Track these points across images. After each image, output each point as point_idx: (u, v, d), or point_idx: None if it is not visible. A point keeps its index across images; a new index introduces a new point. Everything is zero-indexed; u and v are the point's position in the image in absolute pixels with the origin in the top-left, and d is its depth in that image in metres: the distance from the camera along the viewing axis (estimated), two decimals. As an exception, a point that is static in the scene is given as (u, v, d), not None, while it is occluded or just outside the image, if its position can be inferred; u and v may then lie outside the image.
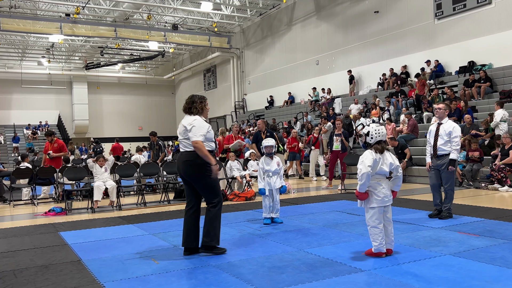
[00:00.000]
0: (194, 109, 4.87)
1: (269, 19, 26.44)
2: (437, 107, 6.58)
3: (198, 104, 4.88)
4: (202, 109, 4.91)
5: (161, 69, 40.00)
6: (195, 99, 4.91)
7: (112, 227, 6.79)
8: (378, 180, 4.49)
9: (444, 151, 6.40)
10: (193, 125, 4.72)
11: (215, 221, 4.77)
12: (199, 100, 4.91)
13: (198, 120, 4.78)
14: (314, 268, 4.17)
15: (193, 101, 4.89)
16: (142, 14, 25.44)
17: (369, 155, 4.48)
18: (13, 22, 23.53)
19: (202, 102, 4.93)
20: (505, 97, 13.13)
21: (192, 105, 4.88)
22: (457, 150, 6.34)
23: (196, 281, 3.91)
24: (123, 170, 10.04)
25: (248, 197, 9.47)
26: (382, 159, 4.49)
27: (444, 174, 6.46)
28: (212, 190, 4.80)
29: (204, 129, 4.72)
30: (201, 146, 4.62)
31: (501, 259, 4.22)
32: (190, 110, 4.89)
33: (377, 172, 4.48)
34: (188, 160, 4.75)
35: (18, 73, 34.26)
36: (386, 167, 4.50)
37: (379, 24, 19.15)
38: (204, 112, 4.93)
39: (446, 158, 6.39)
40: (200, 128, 4.70)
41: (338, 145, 11.17)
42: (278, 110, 25.03)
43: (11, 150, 30.25)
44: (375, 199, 4.46)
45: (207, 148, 4.71)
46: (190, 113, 4.88)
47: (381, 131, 4.57)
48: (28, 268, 4.53)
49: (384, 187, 4.49)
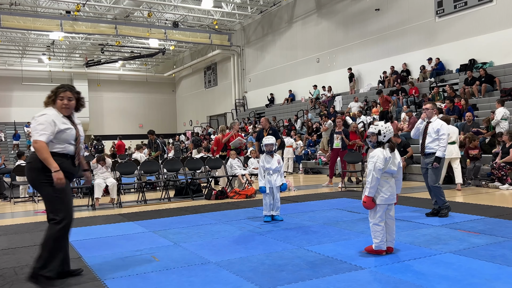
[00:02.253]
0: (47, 99, 3.93)
1: (270, 16, 26.40)
2: (425, 107, 6.60)
3: (52, 94, 3.92)
4: (54, 101, 3.90)
5: (161, 67, 39.98)
6: (53, 89, 3.95)
7: (113, 225, 6.79)
8: (386, 178, 4.45)
9: (432, 149, 6.40)
10: (37, 120, 3.81)
11: (50, 243, 3.74)
12: (54, 90, 3.94)
13: (45, 116, 3.81)
14: (314, 265, 4.17)
15: (50, 92, 3.96)
16: (143, 12, 25.41)
17: (380, 154, 4.39)
18: (14, 19, 23.51)
19: (56, 92, 3.92)
20: (505, 95, 13.12)
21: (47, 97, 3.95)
22: (443, 147, 6.34)
23: (196, 279, 3.91)
24: (124, 168, 10.04)
25: (249, 195, 9.47)
26: (392, 157, 4.47)
27: (429, 171, 6.47)
28: (53, 203, 3.82)
29: (51, 126, 3.77)
30: (40, 147, 3.70)
31: (502, 257, 4.22)
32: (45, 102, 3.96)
33: (386, 171, 4.44)
34: (29, 162, 3.87)
35: (18, 71, 34.25)
36: (394, 167, 4.47)
37: (380, 22, 19.12)
38: (58, 104, 3.89)
39: (433, 157, 6.40)
40: (46, 126, 3.75)
41: (338, 143, 11.17)
42: (278, 108, 25.02)
43: (11, 147, 30.26)
44: (382, 197, 4.43)
45: (56, 150, 3.80)
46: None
47: (390, 128, 4.55)
48: (28, 265, 4.52)
49: (392, 186, 4.46)
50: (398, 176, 4.55)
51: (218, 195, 9.39)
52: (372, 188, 4.36)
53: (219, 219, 6.84)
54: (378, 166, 4.34)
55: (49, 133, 3.75)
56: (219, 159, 10.91)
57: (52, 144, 3.79)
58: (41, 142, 3.70)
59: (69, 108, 3.92)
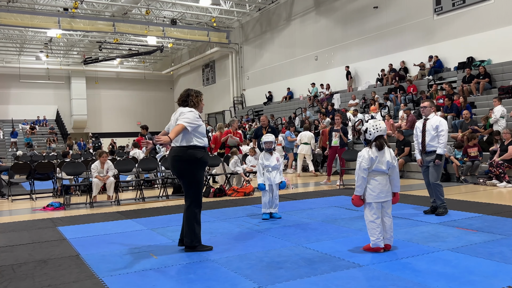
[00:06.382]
0: (190, 102, 4.83)
1: (268, 14, 26.36)
2: (422, 105, 6.60)
3: (194, 97, 4.85)
4: (198, 103, 4.87)
5: (159, 64, 39.90)
6: (191, 93, 4.88)
7: (111, 222, 6.79)
8: (374, 176, 4.48)
9: (433, 147, 6.40)
10: (186, 114, 4.65)
11: (192, 221, 4.70)
12: (195, 94, 4.89)
13: (193, 112, 4.72)
14: (312, 263, 4.18)
15: (188, 94, 4.86)
16: (141, 9, 25.35)
17: (365, 154, 4.47)
18: (11, 16, 23.42)
19: (198, 96, 4.90)
20: (504, 93, 13.13)
21: (187, 98, 4.84)
22: (443, 144, 6.35)
23: (195, 276, 3.91)
24: (122, 165, 10.03)
25: (247, 192, 9.47)
26: (379, 157, 4.47)
27: (431, 168, 6.47)
28: (195, 188, 4.74)
29: (195, 121, 4.64)
30: (179, 126, 4.53)
31: (499, 254, 4.24)
32: (185, 103, 4.84)
33: (374, 169, 4.47)
34: (176, 155, 4.70)
35: (16, 68, 34.14)
36: (383, 165, 4.47)
37: (378, 20, 19.11)
38: (199, 106, 4.88)
39: (434, 154, 6.39)
40: (192, 119, 4.62)
41: (336, 140, 11.16)
42: (276, 105, 25.00)
43: (9, 145, 30.20)
44: (370, 195, 4.46)
45: (197, 144, 4.68)
46: (186, 105, 4.83)
47: (380, 126, 4.53)
48: (26, 262, 4.53)
49: (380, 183, 4.47)
50: (393, 175, 4.55)
51: (216, 193, 9.39)
52: (359, 187, 4.47)
53: (218, 217, 6.85)
54: (363, 166, 4.44)
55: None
56: (217, 156, 10.90)
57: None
58: (182, 126, 4.56)
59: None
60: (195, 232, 4.73)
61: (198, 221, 4.77)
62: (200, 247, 4.75)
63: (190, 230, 4.71)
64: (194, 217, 4.73)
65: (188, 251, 4.76)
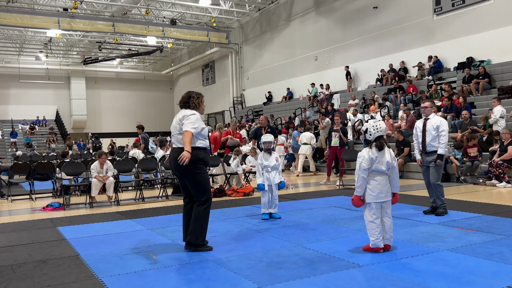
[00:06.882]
0: (192, 103, 4.88)
1: (268, 14, 26.36)
2: (423, 106, 6.60)
3: (195, 99, 4.90)
4: (199, 104, 4.93)
5: (159, 64, 39.89)
6: (192, 95, 4.93)
7: (110, 222, 6.79)
8: (373, 176, 4.48)
9: (434, 147, 6.39)
10: (189, 117, 4.71)
11: (200, 219, 4.74)
12: (196, 96, 4.94)
13: (196, 115, 4.79)
14: (312, 263, 4.18)
15: (190, 96, 4.91)
16: (140, 9, 25.34)
17: (365, 154, 4.47)
18: (11, 16, 23.40)
19: (199, 98, 4.96)
20: (503, 93, 13.13)
21: (189, 100, 4.89)
22: (444, 144, 6.35)
23: (194, 276, 3.91)
24: (121, 165, 10.03)
25: (246, 193, 9.47)
26: (379, 157, 4.47)
27: (431, 169, 6.47)
28: (201, 188, 4.77)
29: (199, 123, 4.72)
30: (188, 135, 4.59)
31: (499, 255, 4.24)
32: (187, 104, 4.89)
33: (374, 170, 4.47)
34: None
35: (15, 68, 34.12)
36: (383, 166, 4.48)
37: (378, 20, 19.12)
38: (201, 108, 4.95)
39: (435, 155, 6.39)
40: (196, 122, 4.69)
41: (336, 140, 11.16)
42: (276, 105, 25.00)
43: (8, 145, 30.18)
44: (370, 195, 4.46)
45: (200, 145, 4.74)
46: (187, 107, 4.88)
47: (380, 126, 4.53)
48: (26, 263, 4.53)
49: (380, 184, 4.48)
50: (392, 175, 4.55)
51: (216, 193, 9.38)
52: (359, 187, 4.47)
53: (217, 217, 6.84)
54: (363, 166, 4.45)
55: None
56: (217, 157, 10.90)
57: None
58: (190, 132, 4.64)
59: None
60: (202, 230, 4.75)
61: (207, 220, 4.81)
62: (202, 247, 4.76)
63: (199, 227, 4.72)
64: (205, 215, 4.77)
65: (188, 249, 4.76)
